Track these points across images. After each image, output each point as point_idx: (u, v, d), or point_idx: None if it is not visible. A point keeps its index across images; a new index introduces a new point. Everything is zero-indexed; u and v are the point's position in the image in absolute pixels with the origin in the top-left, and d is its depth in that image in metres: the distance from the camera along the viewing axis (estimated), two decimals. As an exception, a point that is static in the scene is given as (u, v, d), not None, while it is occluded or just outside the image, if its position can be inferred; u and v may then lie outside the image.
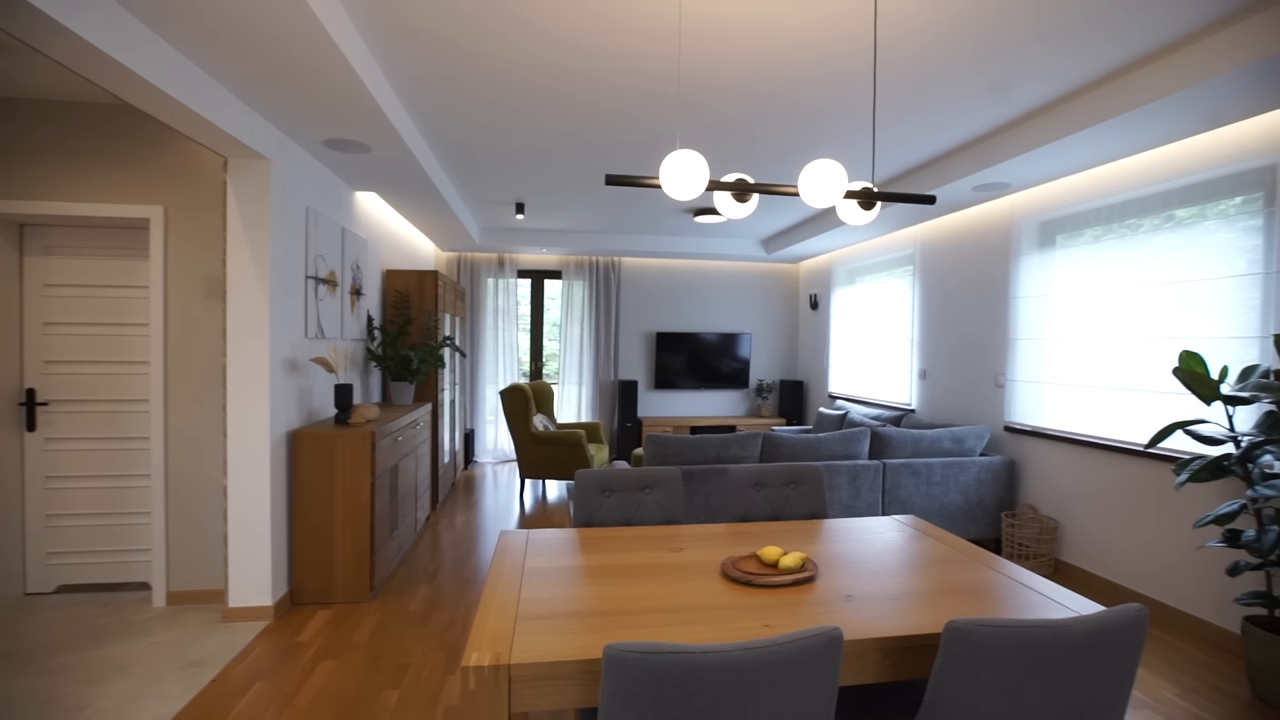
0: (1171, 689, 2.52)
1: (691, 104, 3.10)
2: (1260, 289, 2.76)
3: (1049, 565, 3.73)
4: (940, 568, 1.78)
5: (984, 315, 4.45)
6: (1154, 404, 3.21)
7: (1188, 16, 2.26)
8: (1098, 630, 1.07)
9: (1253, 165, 2.82)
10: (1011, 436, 4.15)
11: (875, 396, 5.91)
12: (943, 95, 2.97)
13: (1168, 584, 3.12)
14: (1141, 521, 3.25)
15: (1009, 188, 3.99)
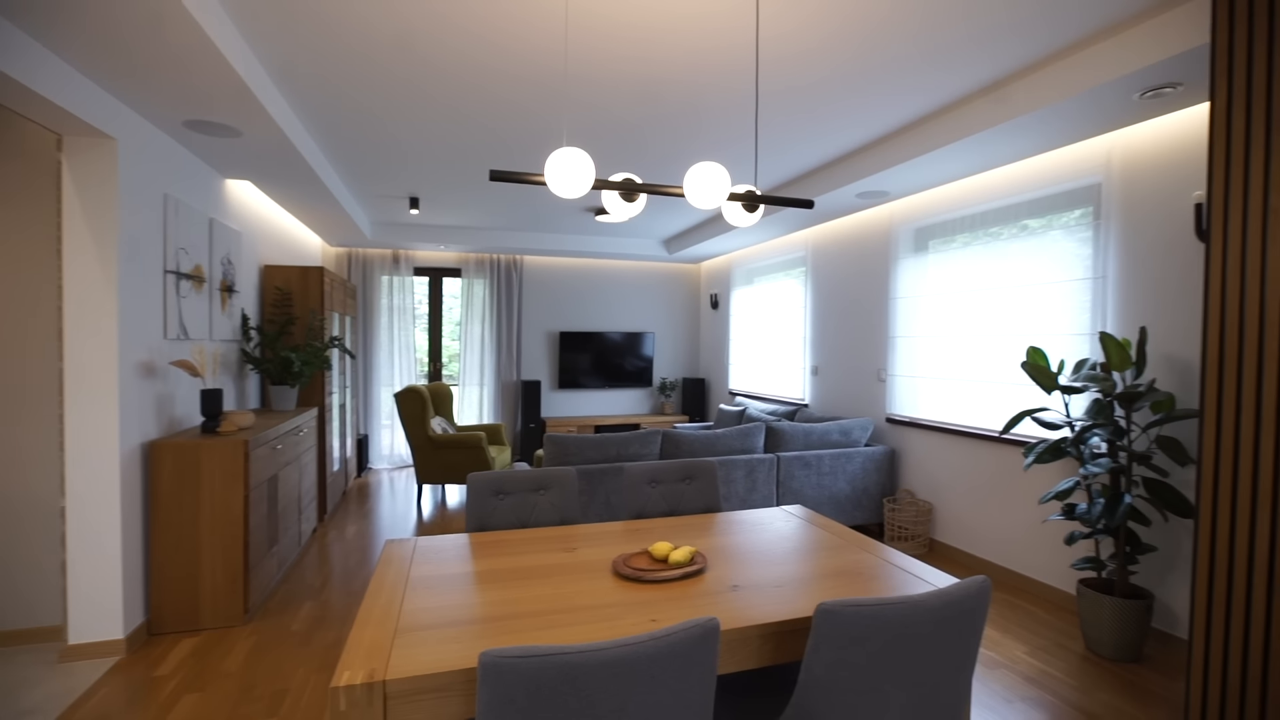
0: (1022, 648, 2.80)
1: (581, 102, 3.09)
2: (1090, 292, 3.13)
3: (924, 545, 4.04)
4: (821, 554, 1.88)
5: (868, 314, 4.76)
6: (1010, 394, 3.56)
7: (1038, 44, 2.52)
8: (948, 602, 1.16)
9: (1084, 183, 3.19)
10: (892, 427, 4.46)
11: (772, 392, 6.17)
12: (828, 107, 3.13)
13: (1021, 555, 3.47)
14: (999, 501, 3.60)
15: (888, 195, 4.28)
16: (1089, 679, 2.57)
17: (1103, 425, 2.65)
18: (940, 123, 3.24)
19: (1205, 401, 1.81)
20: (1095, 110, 2.74)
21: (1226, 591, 1.77)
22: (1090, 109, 2.72)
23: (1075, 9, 2.25)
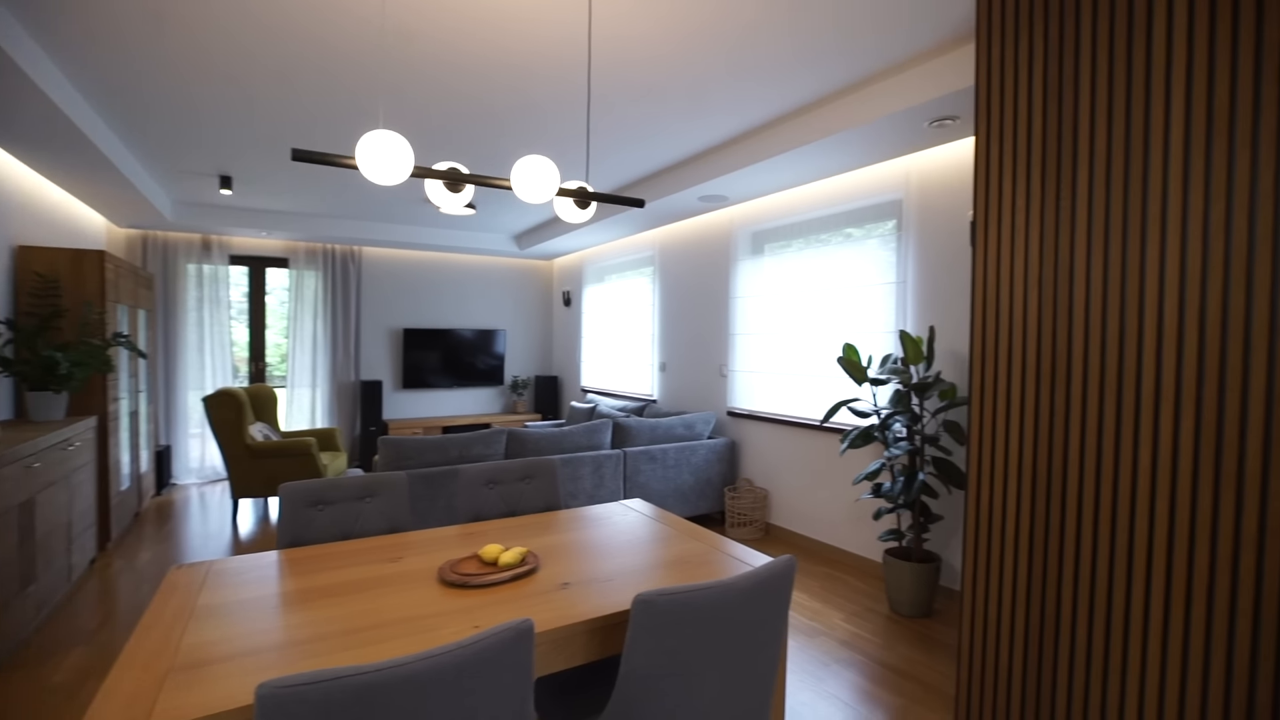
0: (839, 615, 3.10)
1: (400, 83, 2.92)
2: (895, 295, 3.53)
3: (762, 529, 4.33)
4: (656, 546, 1.93)
5: (711, 313, 5.00)
6: (834, 386, 3.92)
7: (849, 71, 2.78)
8: (756, 583, 1.24)
9: (890, 199, 3.59)
10: (733, 420, 4.73)
11: (623, 389, 6.28)
12: (670, 112, 3.23)
13: (841, 532, 3.84)
14: (823, 484, 3.96)
15: (728, 200, 4.52)
16: (892, 636, 2.91)
17: (902, 413, 3.00)
18: (772, 134, 3.48)
19: (972, 389, 2.12)
20: (896, 133, 3.09)
21: (988, 549, 2.08)
22: (892, 132, 3.06)
23: (878, 42, 2.51)
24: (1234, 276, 1.54)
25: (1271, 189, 1.48)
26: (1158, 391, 1.67)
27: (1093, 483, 1.80)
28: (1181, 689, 1.63)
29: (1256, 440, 1.50)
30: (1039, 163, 1.94)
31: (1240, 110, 1.53)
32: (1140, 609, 1.71)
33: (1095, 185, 1.80)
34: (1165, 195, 1.66)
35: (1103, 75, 1.79)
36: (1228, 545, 1.55)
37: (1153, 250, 1.68)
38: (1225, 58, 1.56)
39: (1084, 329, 1.82)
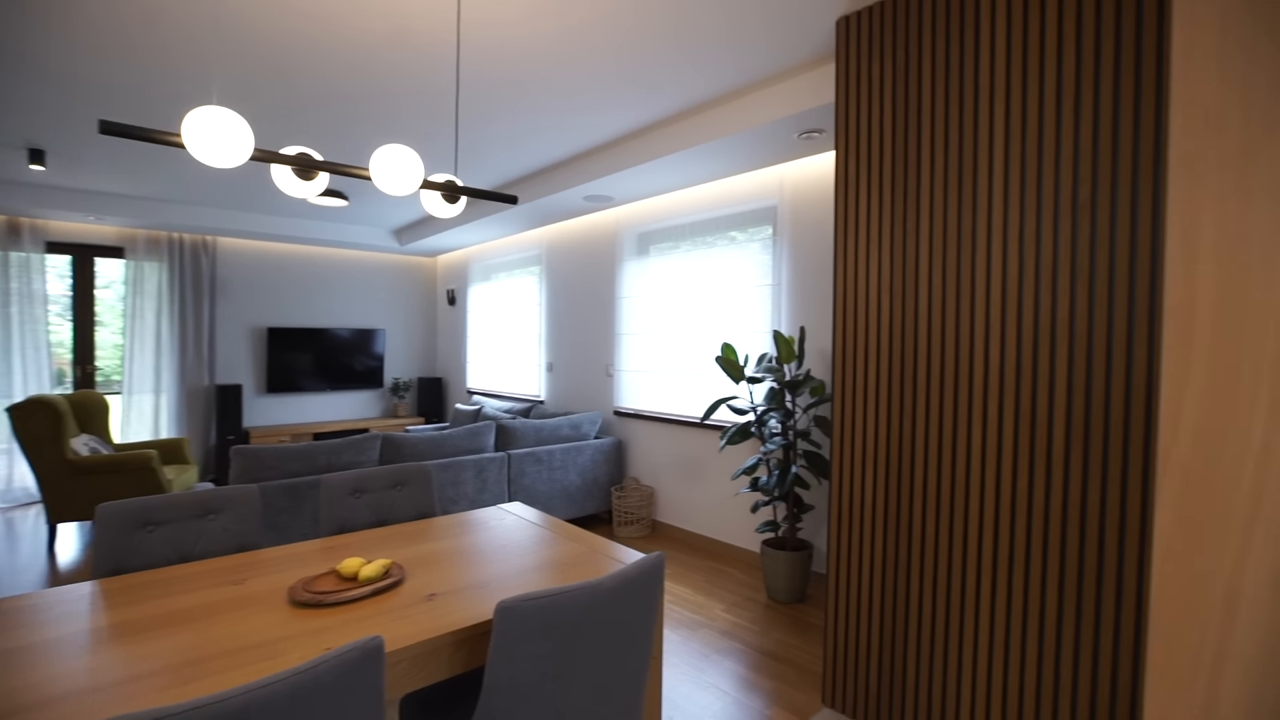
0: (720, 607, 3.20)
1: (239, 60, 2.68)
2: (771, 296, 3.71)
3: (648, 527, 4.39)
4: (532, 550, 1.88)
5: (598, 312, 5.01)
6: (717, 384, 4.05)
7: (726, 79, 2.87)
8: (624, 582, 1.24)
9: (767, 204, 3.76)
10: (619, 419, 4.76)
11: (510, 390, 6.14)
12: (551, 109, 3.19)
13: (724, 526, 3.97)
14: (705, 480, 4.08)
15: (613, 200, 4.54)
16: (769, 623, 3.04)
17: (777, 409, 3.16)
18: (654, 137, 3.53)
19: (834, 385, 2.26)
20: (770, 143, 3.24)
21: (850, 534, 2.23)
22: (767, 141, 3.21)
23: (753, 54, 2.62)
24: (1043, 284, 1.75)
25: (1070, 206, 1.70)
26: (986, 385, 1.86)
27: (935, 468, 1.98)
28: (1005, 647, 1.83)
29: (1060, 427, 1.72)
30: (890, 177, 2.10)
31: (1045, 138, 1.75)
32: (974, 578, 1.90)
33: (936, 200, 1.98)
34: (990, 211, 1.86)
35: (940, 100, 1.97)
36: (1040, 520, 1.76)
37: (981, 260, 1.87)
38: (1035, 89, 1.77)
39: (928, 330, 2.00)
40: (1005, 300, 1.81)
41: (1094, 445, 1.65)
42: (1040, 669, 1.76)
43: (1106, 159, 1.64)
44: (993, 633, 1.85)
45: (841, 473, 2.24)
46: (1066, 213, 1.70)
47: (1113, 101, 1.63)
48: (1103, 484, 1.64)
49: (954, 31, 1.93)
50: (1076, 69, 1.69)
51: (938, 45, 1.97)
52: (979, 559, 1.88)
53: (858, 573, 2.21)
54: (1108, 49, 1.64)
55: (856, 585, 2.21)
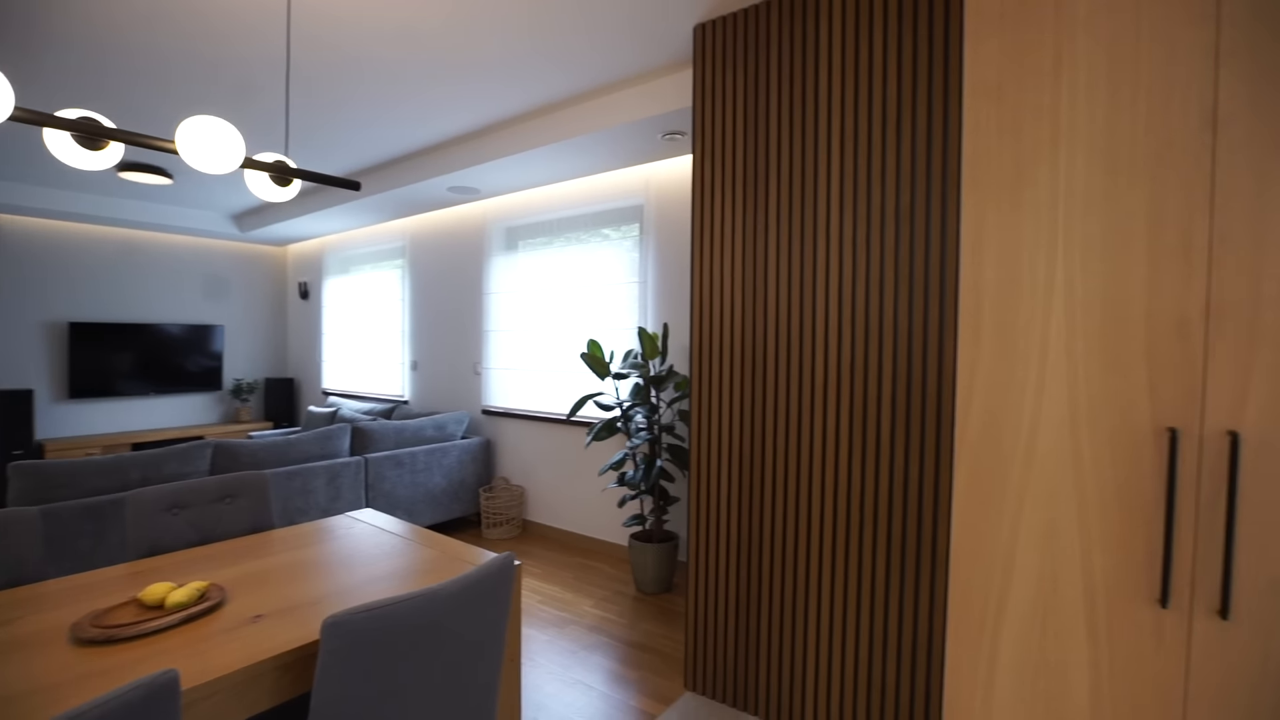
0: (589, 602, 3.21)
1: (70, 12, 2.30)
2: (638, 293, 3.77)
3: (518, 527, 4.31)
4: (380, 559, 1.77)
5: (465, 308, 4.83)
6: (587, 381, 4.05)
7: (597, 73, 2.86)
8: (467, 586, 1.19)
9: (634, 203, 3.82)
10: (488, 418, 4.63)
11: (370, 390, 5.77)
12: (407, 93, 3.01)
13: (594, 522, 3.99)
14: (576, 477, 4.07)
15: (480, 193, 4.40)
16: (637, 615, 3.10)
17: (642, 404, 3.22)
18: (521, 130, 3.46)
19: (691, 379, 2.34)
20: (636, 142, 3.28)
21: (708, 521, 2.32)
22: (633, 140, 3.25)
23: (615, 54, 2.63)
24: (873, 284, 1.92)
25: (894, 213, 1.88)
26: (826, 377, 2.01)
27: (783, 455, 2.11)
28: (844, 616, 1.99)
29: (888, 414, 1.89)
30: (742, 182, 2.21)
31: (874, 151, 1.92)
32: (817, 555, 2.05)
33: (782, 204, 2.11)
34: (829, 217, 2.01)
35: (786, 112, 2.10)
36: (871, 499, 1.93)
37: (821, 261, 2.02)
38: (865, 108, 1.94)
39: (775, 326, 2.12)
40: (841, 298, 1.97)
41: (914, 430, 1.84)
42: (871, 632, 1.93)
43: (921, 173, 1.83)
44: (833, 603, 2.01)
45: (699, 464, 2.33)
46: (891, 219, 1.88)
47: (926, 124, 1.82)
48: (920, 464, 1.83)
49: (798, 48, 2.07)
50: (898, 93, 1.87)
51: (784, 60, 2.10)
52: (821, 537, 2.03)
53: (715, 559, 2.31)
54: (923, 79, 1.83)
55: (714, 571, 2.31)
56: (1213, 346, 1.05)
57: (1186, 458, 1.07)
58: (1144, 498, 1.10)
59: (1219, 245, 1.04)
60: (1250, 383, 1.03)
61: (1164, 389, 1.08)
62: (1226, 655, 1.06)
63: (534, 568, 3.68)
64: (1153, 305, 1.09)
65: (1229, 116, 1.03)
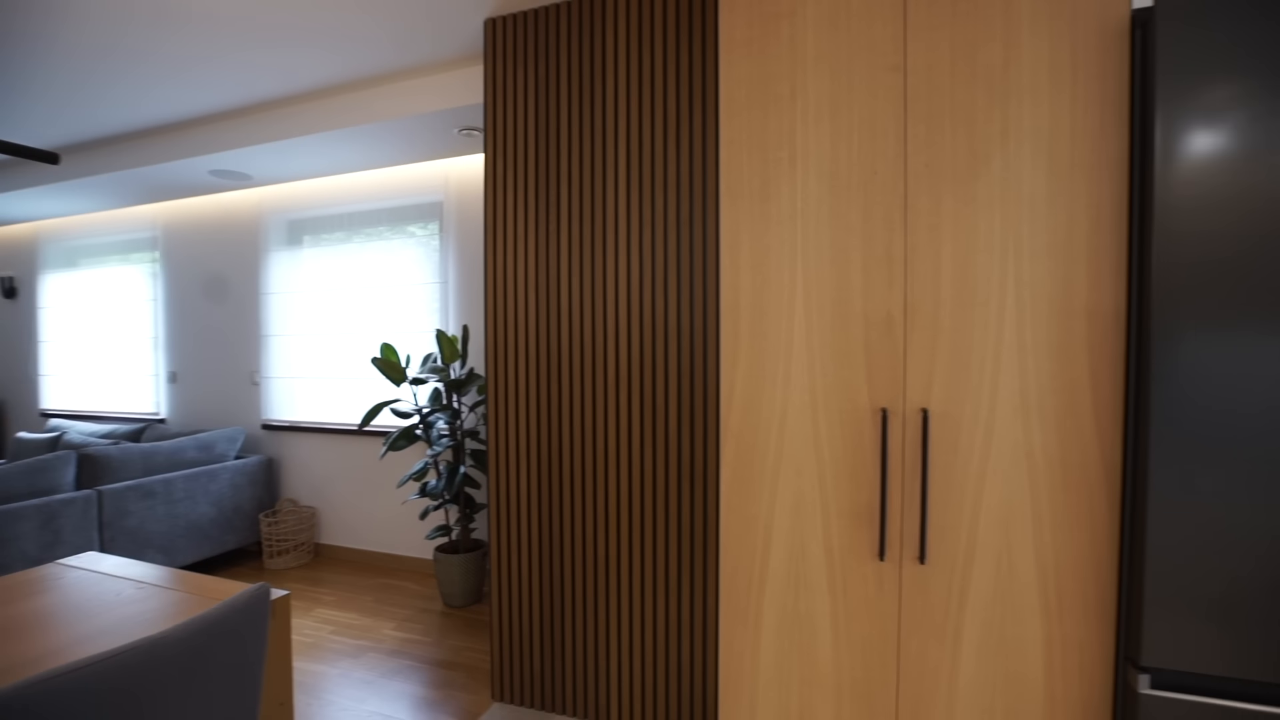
0: (390, 625, 2.99)
1: None
2: (438, 294, 3.60)
3: (309, 552, 3.88)
4: (95, 614, 1.47)
5: (238, 310, 4.23)
6: (384, 388, 3.76)
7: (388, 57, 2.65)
8: (203, 628, 1.03)
9: (433, 199, 3.63)
10: (270, 434, 4.10)
11: (114, 409, 4.81)
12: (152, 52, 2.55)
13: (396, 538, 3.73)
14: (374, 491, 3.77)
15: (252, 179, 3.88)
16: (444, 631, 2.95)
17: (444, 410, 3.07)
18: (303, 111, 3.11)
19: (487, 381, 2.29)
20: (433, 135, 3.13)
21: (509, 525, 2.28)
22: (429, 132, 3.09)
23: (409, 37, 2.47)
24: (658, 287, 2.03)
25: (675, 220, 2.01)
26: (617, 375, 2.08)
27: (578, 453, 2.15)
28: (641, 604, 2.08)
29: (674, 409, 2.02)
30: (533, 182, 2.21)
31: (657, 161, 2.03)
32: (614, 550, 2.11)
33: (573, 208, 2.14)
34: (616, 222, 2.08)
35: (576, 116, 2.14)
36: (661, 490, 2.04)
37: (610, 264, 2.09)
38: (648, 117, 2.04)
39: (567, 326, 2.15)
40: (629, 299, 2.06)
41: (698, 422, 1.99)
42: (667, 615, 2.05)
43: (699, 182, 1.98)
44: (631, 592, 2.09)
45: (498, 467, 2.28)
46: (673, 225, 2.01)
47: (702, 136, 1.97)
48: (705, 453, 1.98)
49: (586, 54, 2.12)
50: (678, 104, 2.00)
51: (573, 64, 2.14)
52: (618, 530, 2.10)
53: (517, 563, 2.28)
54: (698, 92, 1.97)
55: (517, 575, 2.28)
56: (910, 340, 1.27)
57: (894, 433, 1.28)
58: (866, 470, 1.30)
59: (911, 256, 1.26)
60: (935, 368, 1.26)
61: (877, 376, 1.29)
62: (926, 591, 1.29)
63: (327, 595, 3.34)
64: (867, 306, 1.29)
65: (913, 150, 1.25)
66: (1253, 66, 1.06)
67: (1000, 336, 1.24)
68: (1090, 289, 1.21)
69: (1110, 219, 1.19)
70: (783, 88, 1.33)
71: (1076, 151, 1.21)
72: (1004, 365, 1.24)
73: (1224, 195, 1.08)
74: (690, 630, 2.01)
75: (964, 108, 1.24)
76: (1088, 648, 1.25)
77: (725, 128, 1.37)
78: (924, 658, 1.31)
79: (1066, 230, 1.21)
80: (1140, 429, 1.14)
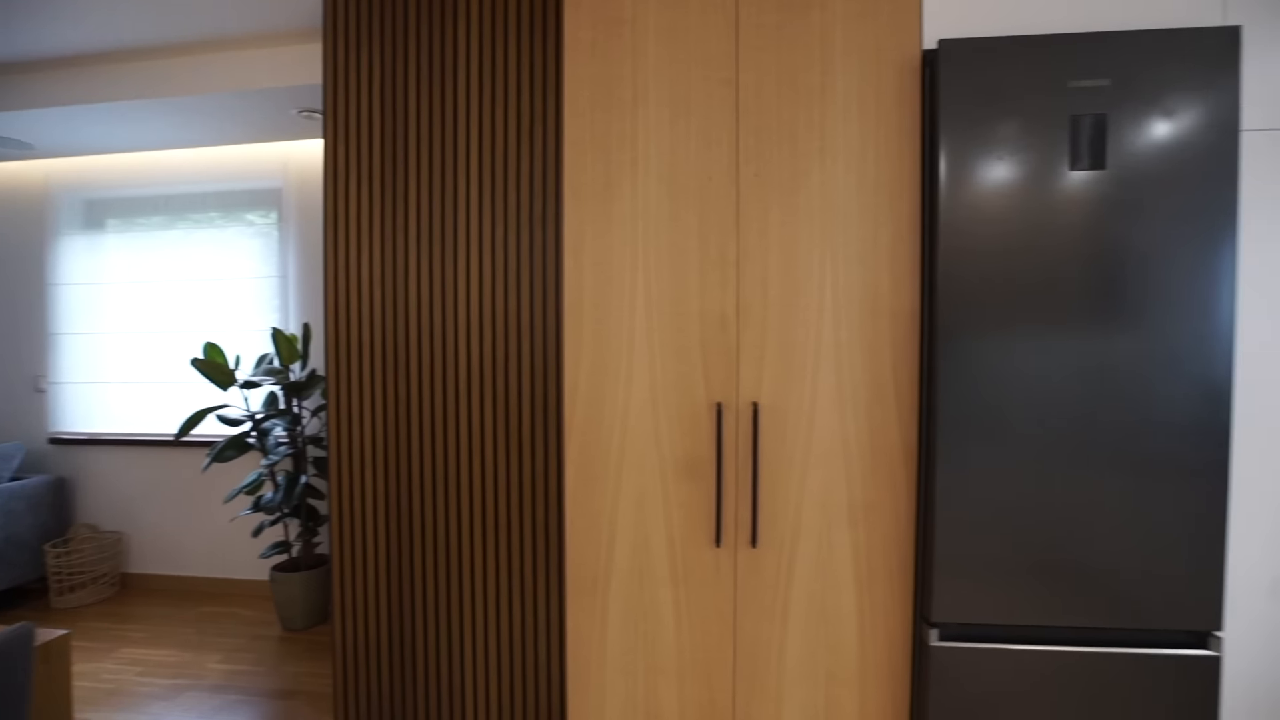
0: (216, 657, 2.68)
1: None
2: (276, 289, 3.29)
3: (114, 584, 3.37)
4: None
5: (14, 304, 3.58)
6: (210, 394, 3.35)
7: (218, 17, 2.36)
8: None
9: (269, 185, 3.31)
10: (60, 449, 3.52)
11: None
12: None
13: (226, 560, 3.35)
14: (198, 509, 3.37)
15: (34, 150, 3.31)
16: (282, 658, 2.69)
17: (282, 415, 2.81)
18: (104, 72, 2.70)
19: (329, 382, 2.13)
20: (268, 113, 2.85)
21: (353, 535, 2.13)
22: (263, 110, 2.80)
23: (217, 0, 2.23)
24: (510, 284, 2.00)
25: (527, 219, 1.99)
26: (469, 373, 2.03)
27: (430, 455, 2.06)
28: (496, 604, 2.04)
29: (528, 407, 2.00)
30: (380, 172, 2.09)
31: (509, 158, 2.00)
32: (469, 551, 2.05)
33: (423, 201, 2.05)
34: (469, 219, 2.03)
35: (425, 107, 2.05)
36: (515, 489, 2.01)
37: (463, 261, 2.03)
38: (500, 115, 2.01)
39: (418, 323, 2.06)
40: (483, 297, 2.01)
41: (551, 421, 1.98)
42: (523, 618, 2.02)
43: (552, 181, 1.97)
44: (486, 597, 2.04)
45: (340, 474, 2.13)
46: (526, 224, 1.99)
47: (555, 134, 1.97)
48: (558, 451, 1.98)
49: (437, 45, 2.04)
50: (531, 103, 1.99)
51: (423, 54, 2.05)
52: (472, 533, 2.04)
53: (363, 575, 2.14)
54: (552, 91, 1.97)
55: (363, 588, 2.14)
56: (742, 338, 1.36)
57: (729, 426, 1.36)
58: (703, 462, 1.37)
59: (743, 259, 1.35)
60: (764, 365, 1.35)
61: (713, 372, 1.36)
62: (758, 573, 1.38)
63: (136, 632, 2.92)
64: (703, 305, 1.36)
65: (744, 160, 1.34)
66: (1015, 107, 1.25)
67: (820, 335, 1.36)
68: (893, 293, 1.36)
69: (908, 232, 1.36)
70: (626, 92, 1.37)
71: (881, 171, 1.35)
72: (823, 361, 1.36)
73: (992, 214, 1.26)
74: (547, 630, 2.00)
75: (788, 125, 1.35)
76: (893, 612, 1.40)
77: (569, 127, 1.39)
78: (757, 634, 1.40)
79: (873, 240, 1.36)
80: (931, 416, 1.31)
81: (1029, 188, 1.26)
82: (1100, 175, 1.25)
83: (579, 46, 1.38)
